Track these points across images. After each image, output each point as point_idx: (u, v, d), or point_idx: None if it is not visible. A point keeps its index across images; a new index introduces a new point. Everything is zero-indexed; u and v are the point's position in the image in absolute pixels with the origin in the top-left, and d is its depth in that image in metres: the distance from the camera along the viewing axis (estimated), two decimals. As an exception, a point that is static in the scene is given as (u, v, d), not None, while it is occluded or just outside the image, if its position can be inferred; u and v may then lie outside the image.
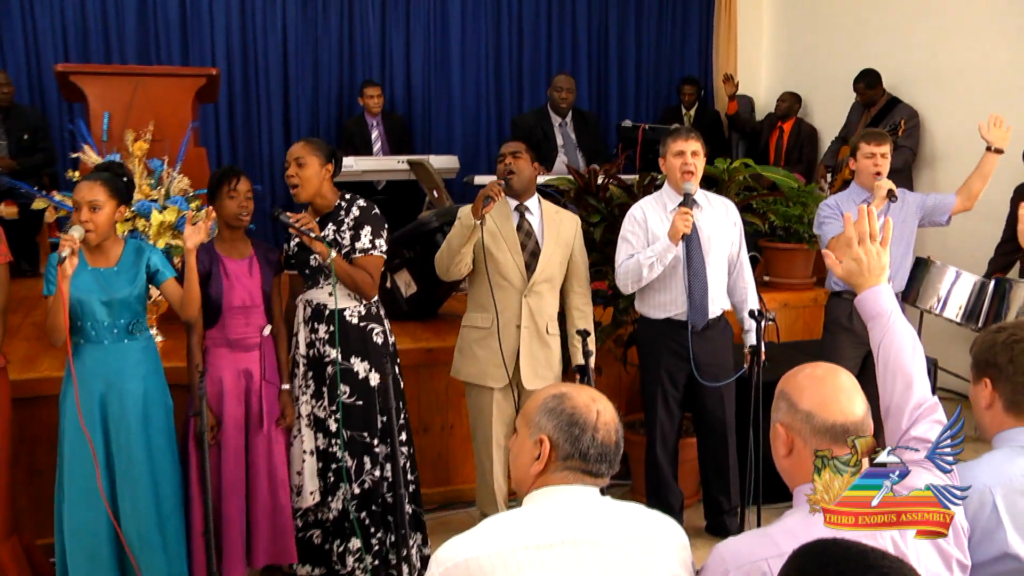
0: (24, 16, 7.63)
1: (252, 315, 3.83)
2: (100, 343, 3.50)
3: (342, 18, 8.47)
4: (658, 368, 4.34)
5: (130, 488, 3.55)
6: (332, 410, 3.92)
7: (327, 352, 3.90)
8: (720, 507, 4.57)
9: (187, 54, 8.03)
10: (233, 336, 3.79)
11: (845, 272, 2.37)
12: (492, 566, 1.80)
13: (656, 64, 9.41)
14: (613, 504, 1.95)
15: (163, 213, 4.64)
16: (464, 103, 8.85)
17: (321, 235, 3.77)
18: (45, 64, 7.59)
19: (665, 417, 4.39)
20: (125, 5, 7.85)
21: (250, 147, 8.32)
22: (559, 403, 1.95)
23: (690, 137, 4.19)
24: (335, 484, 3.96)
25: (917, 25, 7.06)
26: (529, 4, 8.97)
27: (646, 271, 4.09)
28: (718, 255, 4.27)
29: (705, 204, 4.28)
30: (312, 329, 3.93)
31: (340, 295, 3.85)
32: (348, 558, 3.96)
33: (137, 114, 5.10)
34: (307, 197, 3.88)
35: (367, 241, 3.88)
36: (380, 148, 7.97)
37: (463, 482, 4.97)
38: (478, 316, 4.16)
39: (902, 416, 2.19)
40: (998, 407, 2.25)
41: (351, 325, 3.91)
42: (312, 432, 3.97)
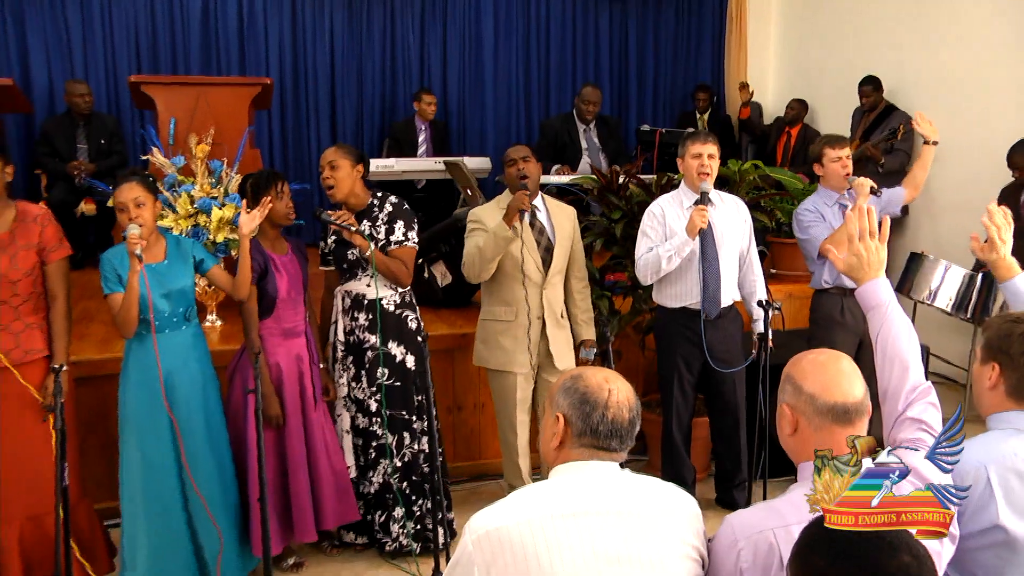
0: (104, 33, 7.74)
1: (298, 305, 3.87)
2: (162, 331, 3.53)
3: (384, 32, 8.50)
4: (674, 354, 4.33)
5: (194, 460, 3.59)
6: (372, 391, 3.95)
7: (366, 338, 3.93)
8: (729, 481, 4.56)
9: (244, 65, 8.09)
10: (286, 325, 3.83)
11: (846, 266, 2.38)
12: (520, 534, 1.80)
13: (672, 73, 9.37)
14: (632, 477, 1.95)
15: (222, 209, 4.68)
16: (496, 108, 8.84)
17: (359, 230, 3.81)
18: (120, 76, 7.67)
19: (680, 399, 4.38)
20: (190, 23, 7.93)
21: (299, 149, 8.35)
22: (574, 383, 1.95)
23: (707, 140, 4.18)
24: (376, 459, 3.99)
25: (912, 38, 7.01)
26: (556, 18, 8.95)
27: (665, 263, 4.09)
28: (730, 249, 4.26)
29: (718, 202, 4.26)
30: (352, 318, 3.96)
31: (378, 285, 3.88)
32: (392, 525, 4.01)
33: (200, 120, 5.13)
34: (341, 196, 3.91)
35: (401, 234, 3.91)
36: (425, 150, 7.96)
37: (492, 456, 4.97)
38: (500, 310, 4.15)
39: (899, 399, 2.19)
40: (1001, 390, 2.24)
41: (388, 313, 3.94)
42: (350, 412, 4.00)
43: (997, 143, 5.74)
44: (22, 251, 3.44)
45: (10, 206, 3.48)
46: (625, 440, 1.93)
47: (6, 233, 3.43)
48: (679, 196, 4.28)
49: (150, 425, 3.53)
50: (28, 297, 3.47)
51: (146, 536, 3.58)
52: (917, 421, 2.13)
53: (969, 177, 6.32)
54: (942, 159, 6.65)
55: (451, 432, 4.84)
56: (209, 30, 8.00)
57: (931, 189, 6.71)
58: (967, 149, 6.35)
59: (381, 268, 3.84)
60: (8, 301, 3.41)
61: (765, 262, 5.74)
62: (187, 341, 3.61)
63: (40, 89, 7.53)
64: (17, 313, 3.44)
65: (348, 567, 4.03)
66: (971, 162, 6.33)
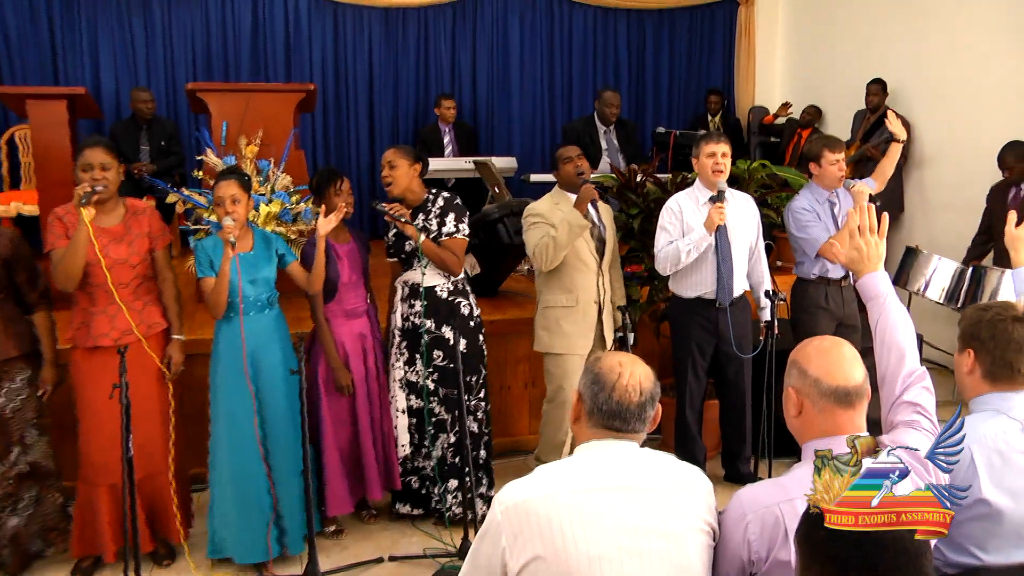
0: (164, 45, 7.83)
1: (359, 288, 3.93)
2: (248, 314, 3.65)
3: (418, 41, 8.50)
4: (688, 340, 4.32)
5: (276, 429, 3.69)
6: (428, 372, 3.97)
7: (421, 323, 3.95)
8: (736, 459, 4.55)
9: (290, 73, 8.12)
10: (348, 307, 3.90)
11: (847, 260, 2.39)
12: (545, 507, 1.80)
13: (686, 78, 9.30)
14: (650, 455, 1.94)
15: (269, 205, 4.71)
16: (522, 111, 8.82)
17: (408, 220, 3.85)
18: (178, 83, 7.75)
19: (693, 382, 4.37)
20: (241, 35, 7.99)
21: (340, 150, 8.40)
22: (593, 364, 1.96)
23: (720, 140, 4.17)
24: (435, 435, 4.03)
25: (908, 47, 6.97)
26: (577, 27, 8.91)
27: (684, 256, 4.09)
28: (741, 242, 4.25)
29: (730, 198, 4.24)
30: (409, 305, 3.99)
31: (431, 274, 3.93)
32: (447, 496, 4.06)
33: (249, 123, 5.15)
34: (398, 192, 3.95)
35: (451, 226, 3.93)
36: (451, 151, 7.98)
37: (519, 434, 4.99)
38: (561, 297, 4.17)
39: (896, 383, 2.19)
40: (977, 374, 2.28)
41: (441, 299, 3.96)
42: (404, 394, 4.02)
43: (988, 145, 5.71)
44: (137, 240, 3.58)
45: (121, 202, 3.63)
46: (630, 422, 1.89)
47: (120, 225, 3.58)
48: (694, 193, 4.26)
49: (236, 399, 3.63)
50: (144, 279, 3.62)
51: (231, 501, 3.67)
52: (913, 404, 2.13)
53: (962, 177, 6.30)
54: (936, 160, 6.64)
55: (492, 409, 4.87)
56: (258, 41, 8.06)
57: (925, 188, 6.69)
58: (960, 151, 6.31)
59: (432, 257, 3.87)
60: (128, 284, 3.56)
61: (771, 255, 5.71)
62: (270, 323, 3.72)
63: (108, 96, 7.65)
64: (136, 294, 3.60)
65: (384, 534, 4.06)
66: (963, 163, 6.30)
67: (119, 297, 3.51)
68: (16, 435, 3.60)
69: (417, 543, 3.96)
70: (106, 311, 3.52)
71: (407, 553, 3.85)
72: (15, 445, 3.60)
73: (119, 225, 3.57)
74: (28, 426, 3.63)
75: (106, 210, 3.55)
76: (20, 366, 3.58)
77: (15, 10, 7.37)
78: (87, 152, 3.47)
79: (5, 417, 3.56)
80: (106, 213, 3.56)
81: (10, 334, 3.54)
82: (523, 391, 5.01)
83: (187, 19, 7.85)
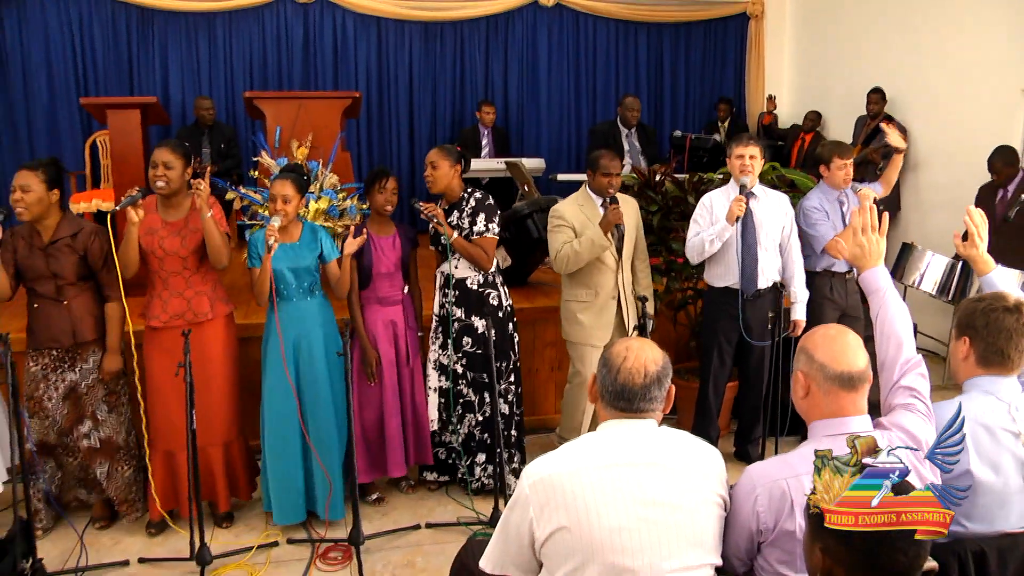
0: (225, 57, 7.92)
1: (395, 279, 3.91)
2: (291, 300, 3.67)
3: (455, 51, 8.49)
4: (716, 326, 4.29)
5: (315, 409, 3.71)
6: (458, 357, 3.97)
7: (453, 312, 3.95)
8: (747, 438, 4.51)
9: (337, 81, 8.16)
10: (381, 295, 3.88)
11: (850, 256, 2.40)
12: (570, 480, 1.80)
13: (700, 86, 9.22)
14: (667, 432, 1.92)
15: (318, 202, 4.73)
16: (549, 115, 8.78)
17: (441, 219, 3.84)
18: (237, 92, 7.84)
19: (718, 366, 4.34)
20: (293, 47, 8.04)
21: (383, 152, 8.42)
22: (607, 348, 1.95)
23: (748, 143, 4.13)
24: (463, 415, 4.03)
25: (904, 58, 6.89)
26: (601, 39, 8.85)
27: (707, 245, 4.08)
28: (769, 237, 4.18)
29: (762, 196, 4.19)
30: (444, 294, 3.99)
31: (462, 267, 3.92)
32: (476, 469, 4.07)
33: (300, 127, 5.17)
34: (438, 191, 3.96)
35: (481, 225, 3.92)
36: (488, 152, 7.97)
37: (543, 413, 4.98)
38: (581, 292, 4.12)
39: (894, 369, 2.20)
40: (971, 360, 2.30)
41: (472, 291, 3.95)
42: (437, 375, 4.02)
43: (978, 149, 5.68)
44: (191, 234, 3.59)
45: (188, 197, 3.65)
46: (635, 402, 1.86)
47: (182, 220, 3.61)
48: (727, 190, 4.22)
49: (278, 379, 3.66)
50: (196, 270, 3.64)
51: (271, 473, 3.72)
52: (909, 389, 2.14)
53: (953, 179, 6.24)
54: (930, 163, 6.57)
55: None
56: (309, 53, 8.10)
57: (920, 189, 6.63)
58: (952, 154, 6.29)
59: (462, 252, 3.87)
60: (181, 273, 3.60)
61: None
62: (313, 309, 3.72)
63: (175, 104, 7.76)
64: (188, 283, 3.62)
65: (421, 504, 4.07)
66: (955, 166, 6.28)
67: (171, 285, 3.58)
68: (89, 409, 3.66)
69: (451, 511, 3.97)
70: (160, 296, 3.59)
71: (442, 521, 3.86)
72: (88, 419, 3.67)
73: (181, 220, 3.60)
74: (99, 403, 3.69)
75: (172, 204, 3.59)
76: (93, 349, 3.64)
77: (101, 30, 7.57)
78: (156, 151, 3.53)
79: (79, 392, 3.64)
80: (173, 207, 3.60)
81: (87, 320, 3.60)
82: (550, 374, 4.99)
83: (246, 34, 7.92)
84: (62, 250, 3.51)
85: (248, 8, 7.87)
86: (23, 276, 3.52)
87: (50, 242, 3.51)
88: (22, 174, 3.42)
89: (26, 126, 7.42)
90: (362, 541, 3.42)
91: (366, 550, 3.51)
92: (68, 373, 3.60)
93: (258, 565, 3.51)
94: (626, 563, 1.75)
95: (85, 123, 7.49)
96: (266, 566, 3.50)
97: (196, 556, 3.30)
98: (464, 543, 2.59)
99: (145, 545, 3.68)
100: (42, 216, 3.48)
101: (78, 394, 3.63)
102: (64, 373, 3.60)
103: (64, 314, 3.54)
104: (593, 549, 1.75)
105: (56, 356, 3.58)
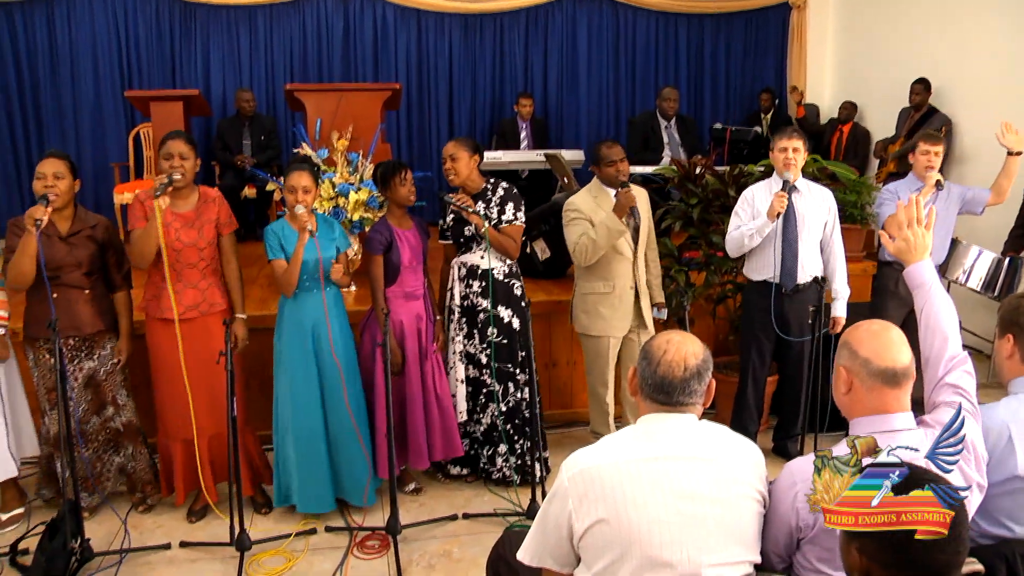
0: (266, 49, 8.01)
1: (417, 272, 3.92)
2: (310, 291, 3.68)
3: (494, 44, 8.49)
4: (754, 321, 4.25)
5: (334, 399, 3.72)
6: (482, 347, 3.97)
7: (479, 302, 3.95)
8: (786, 433, 4.46)
9: (377, 73, 8.20)
10: (407, 289, 3.88)
11: (896, 249, 2.33)
12: (609, 473, 1.80)
13: (741, 77, 9.09)
14: (706, 426, 1.91)
15: (358, 193, 4.76)
16: (589, 107, 8.74)
17: (475, 210, 3.83)
18: (277, 84, 7.94)
19: (756, 361, 4.31)
20: (333, 39, 8.10)
21: (422, 143, 8.44)
22: (648, 341, 1.94)
23: (792, 136, 4.07)
24: (486, 404, 4.03)
25: (952, 46, 6.70)
26: (640, 29, 8.78)
27: (747, 240, 4.04)
28: (811, 232, 4.12)
29: (804, 190, 4.13)
30: (467, 285, 3.98)
31: (490, 257, 3.90)
32: (497, 459, 4.07)
33: (340, 119, 5.21)
34: (459, 182, 3.94)
35: (511, 214, 3.91)
36: (527, 144, 7.96)
37: (580, 406, 4.96)
38: (599, 284, 4.08)
39: (939, 366, 2.15)
40: (1017, 358, 2.25)
41: (498, 281, 3.95)
42: (464, 365, 4.03)
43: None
44: (206, 225, 3.64)
45: (195, 190, 3.68)
46: (674, 395, 1.85)
47: (192, 211, 3.64)
48: (770, 183, 4.18)
49: (301, 368, 3.68)
50: (210, 262, 3.68)
51: (295, 460, 3.74)
52: (954, 386, 2.09)
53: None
54: (978, 156, 6.41)
55: (547, 384, 4.83)
56: (349, 46, 8.15)
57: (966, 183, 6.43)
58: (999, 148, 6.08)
59: (494, 243, 3.85)
60: (196, 265, 3.64)
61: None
62: (330, 301, 3.72)
63: (216, 97, 7.87)
64: (202, 274, 3.67)
65: (458, 494, 4.09)
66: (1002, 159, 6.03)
67: (185, 277, 3.61)
68: (110, 395, 3.77)
69: (488, 502, 3.99)
70: (172, 288, 3.59)
71: (479, 511, 3.88)
72: (109, 404, 3.78)
73: (192, 211, 3.63)
74: (119, 388, 3.79)
75: (182, 196, 3.62)
76: (108, 336, 3.74)
77: (145, 25, 7.71)
78: (169, 143, 3.54)
79: (99, 379, 3.73)
80: (182, 199, 3.63)
81: (100, 310, 3.69)
82: (566, 367, 4.96)
83: (286, 27, 8.00)
84: (83, 240, 3.60)
85: (289, 1, 7.94)
86: (42, 267, 3.52)
87: (70, 233, 3.58)
88: (53, 162, 3.49)
89: (73, 118, 7.60)
90: (399, 530, 3.46)
91: (403, 539, 3.55)
92: (86, 361, 3.69)
93: (296, 552, 3.56)
94: (664, 556, 1.74)
95: (129, 115, 7.65)
96: (304, 553, 3.56)
97: (236, 541, 3.37)
98: (501, 534, 2.60)
99: (187, 530, 3.76)
100: (66, 205, 3.56)
101: (97, 381, 3.73)
102: (82, 362, 3.68)
103: (86, 302, 3.63)
104: (631, 542, 1.75)
105: (73, 345, 3.65)
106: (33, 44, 7.47)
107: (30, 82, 7.50)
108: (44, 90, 7.52)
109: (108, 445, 3.82)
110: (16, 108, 7.48)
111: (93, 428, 3.75)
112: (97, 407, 3.75)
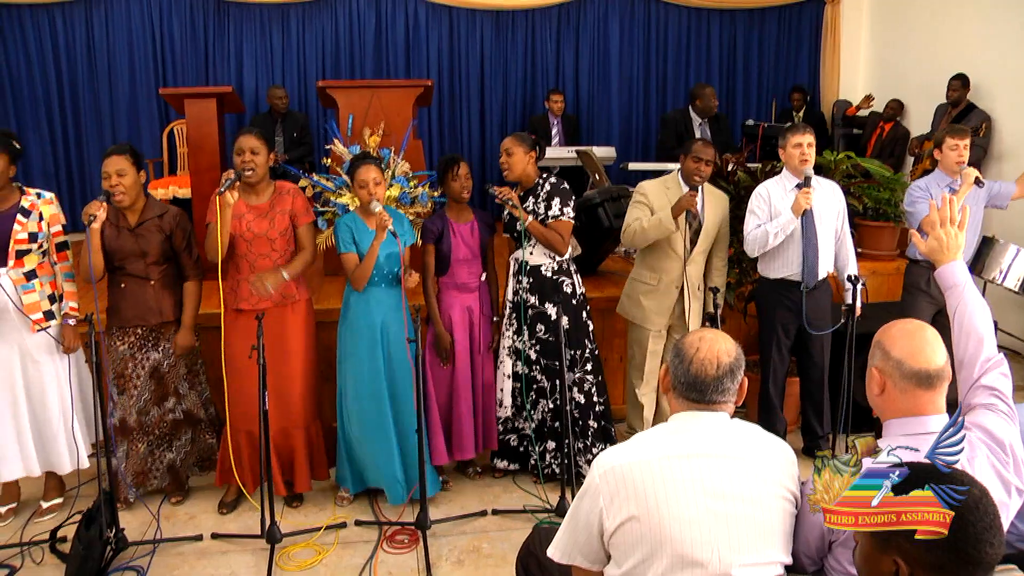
0: (298, 47, 8.07)
1: (473, 265, 3.95)
2: (379, 286, 3.74)
3: (526, 39, 8.48)
4: (773, 319, 4.23)
5: (400, 388, 3.77)
6: (531, 343, 3.99)
7: (527, 298, 3.97)
8: (815, 433, 4.43)
9: (409, 69, 8.23)
10: (459, 281, 3.93)
11: (928, 249, 2.29)
12: (640, 471, 1.79)
13: (774, 73, 9.01)
14: (738, 425, 1.90)
15: (390, 189, 4.79)
16: (620, 104, 8.70)
17: (516, 204, 3.85)
18: (310, 80, 7.99)
19: (777, 359, 4.28)
20: (365, 36, 8.14)
21: (454, 140, 8.47)
22: (680, 339, 1.94)
23: (805, 132, 4.07)
24: (536, 401, 4.05)
25: (990, 41, 6.61)
26: (672, 26, 8.73)
27: (771, 239, 4.01)
28: (826, 228, 4.13)
29: (816, 186, 4.11)
30: (517, 280, 4.01)
31: (537, 253, 3.94)
32: (546, 455, 4.09)
33: (372, 116, 5.23)
34: (514, 177, 3.97)
35: (557, 208, 3.91)
36: (558, 141, 7.95)
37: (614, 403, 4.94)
38: (647, 274, 4.14)
39: (974, 368, 2.10)
40: None
41: (546, 278, 3.96)
42: (511, 360, 4.05)
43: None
44: (278, 216, 3.70)
45: (270, 184, 3.76)
46: (707, 393, 1.85)
47: (266, 203, 3.71)
48: (782, 180, 4.16)
49: (367, 361, 3.72)
50: (283, 253, 3.72)
51: (363, 450, 3.81)
52: (990, 388, 2.04)
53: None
54: (1016, 152, 6.30)
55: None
56: (381, 42, 8.19)
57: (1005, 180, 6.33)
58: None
59: (538, 237, 3.87)
60: (268, 255, 3.69)
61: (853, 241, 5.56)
62: (397, 296, 3.76)
63: (249, 94, 7.95)
64: (276, 265, 3.70)
65: (487, 490, 4.11)
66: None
67: (259, 267, 3.66)
68: (172, 386, 3.83)
69: (518, 499, 4.00)
70: (248, 279, 3.66)
71: (508, 508, 3.89)
72: (171, 395, 3.84)
73: (265, 203, 3.70)
74: (181, 380, 3.85)
75: (256, 190, 3.69)
76: (174, 328, 3.79)
77: (179, 23, 7.81)
78: (241, 138, 3.61)
79: (162, 371, 3.79)
80: (256, 193, 3.70)
81: (169, 300, 3.75)
82: (618, 364, 4.97)
83: (318, 25, 8.06)
84: (150, 230, 3.65)
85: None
86: (111, 258, 3.65)
87: (138, 223, 3.65)
88: (115, 160, 3.53)
89: (110, 115, 7.72)
90: (429, 525, 3.48)
91: (432, 534, 3.57)
92: (152, 352, 3.76)
93: (326, 545, 3.60)
94: (695, 555, 1.74)
95: (163, 112, 7.76)
96: (334, 546, 3.59)
97: (266, 534, 3.40)
98: (531, 531, 2.61)
99: (218, 521, 3.81)
100: (136, 199, 3.62)
101: (161, 373, 3.79)
102: (148, 352, 3.75)
103: (151, 293, 3.69)
104: (662, 540, 1.75)
105: (140, 335, 3.73)
106: (72, 45, 7.61)
107: (69, 81, 7.64)
108: (82, 89, 7.66)
109: (163, 440, 3.88)
110: (56, 108, 7.62)
111: (152, 420, 3.82)
112: (159, 398, 3.81)
